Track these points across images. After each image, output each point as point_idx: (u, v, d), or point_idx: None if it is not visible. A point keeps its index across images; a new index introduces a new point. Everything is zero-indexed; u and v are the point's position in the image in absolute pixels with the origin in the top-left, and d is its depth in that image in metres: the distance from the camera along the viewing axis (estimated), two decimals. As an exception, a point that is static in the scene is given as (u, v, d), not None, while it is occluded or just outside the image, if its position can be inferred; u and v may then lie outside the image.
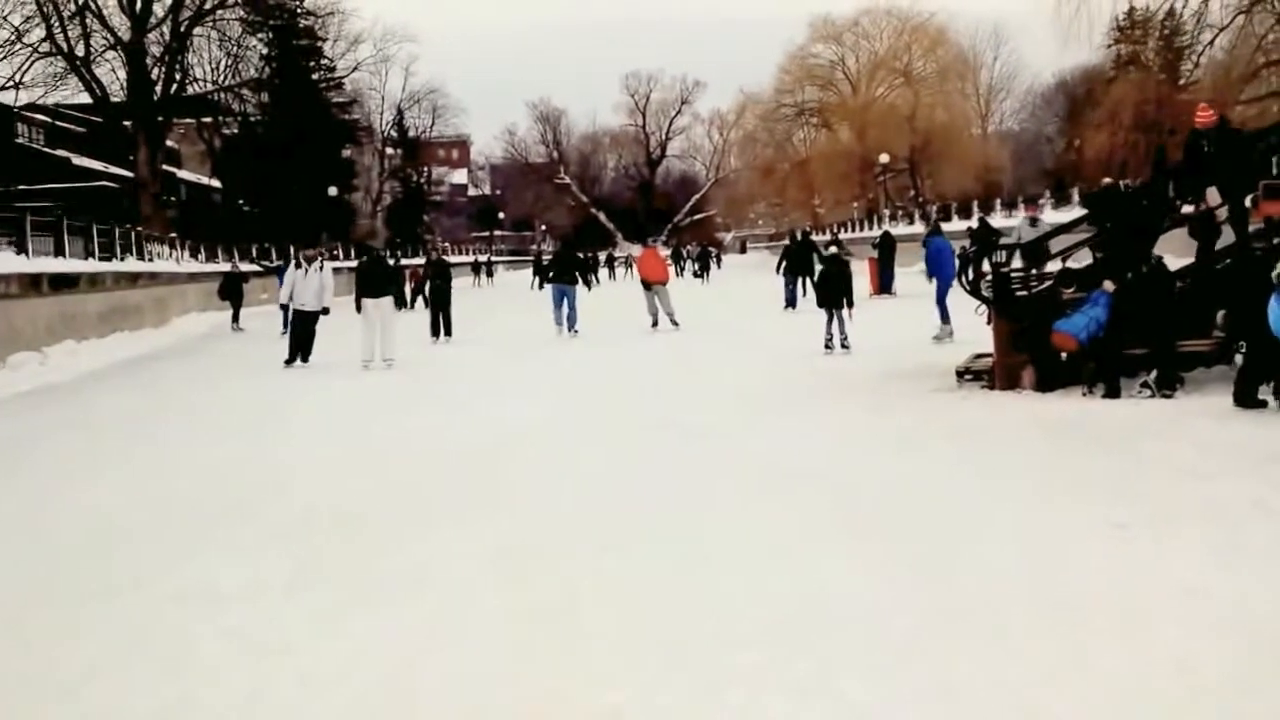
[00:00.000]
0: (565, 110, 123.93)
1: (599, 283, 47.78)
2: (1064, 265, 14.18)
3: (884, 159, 79.64)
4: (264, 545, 7.64)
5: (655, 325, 24.64)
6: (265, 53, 71.38)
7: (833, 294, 17.97)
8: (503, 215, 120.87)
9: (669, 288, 25.47)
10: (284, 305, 20.76)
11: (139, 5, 56.34)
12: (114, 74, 58.08)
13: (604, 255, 65.23)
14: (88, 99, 57.90)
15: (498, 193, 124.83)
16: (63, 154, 59.07)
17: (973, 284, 13.81)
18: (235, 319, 33.52)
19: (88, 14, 55.09)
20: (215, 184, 73.98)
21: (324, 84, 78.18)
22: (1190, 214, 13.77)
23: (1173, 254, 13.06)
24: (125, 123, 58.14)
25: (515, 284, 63.43)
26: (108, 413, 15.58)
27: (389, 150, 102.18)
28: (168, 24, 58.31)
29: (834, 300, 17.92)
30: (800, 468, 9.30)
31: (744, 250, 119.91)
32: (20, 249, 26.35)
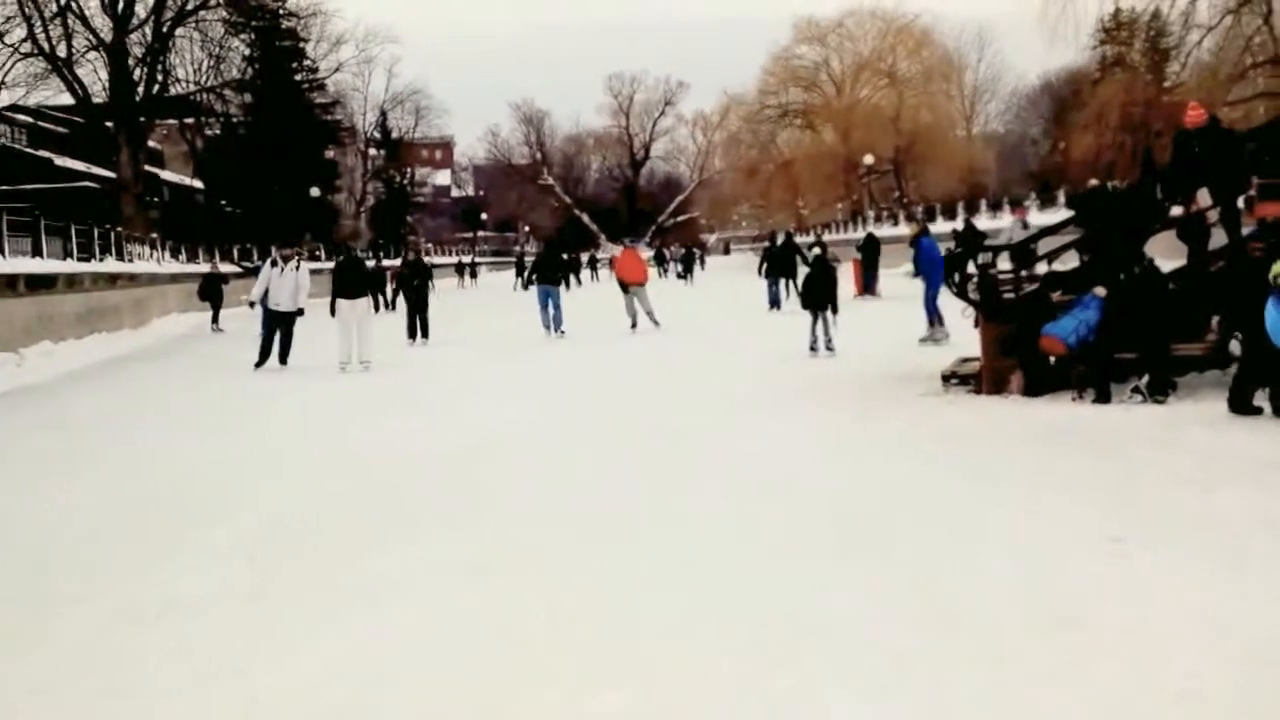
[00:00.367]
0: (549, 112, 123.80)
1: (580, 284, 47.76)
2: (1050, 268, 13.98)
3: (868, 160, 79.37)
4: (229, 553, 7.38)
5: (634, 327, 24.42)
6: (247, 53, 71.23)
7: (817, 297, 17.72)
8: (486, 216, 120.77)
9: (648, 288, 25.25)
10: (251, 303, 20.39)
11: (121, 6, 56.12)
12: (96, 74, 57.95)
13: (586, 256, 64.92)
14: (70, 99, 57.63)
15: (481, 194, 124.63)
16: (45, 155, 58.74)
17: (959, 286, 13.59)
18: (215, 320, 33.31)
19: (69, 14, 54.85)
20: (198, 185, 73.70)
21: (306, 85, 78.19)
22: (1179, 216, 13.56)
23: (1161, 256, 12.81)
24: (107, 123, 57.86)
25: (499, 285, 63.30)
26: (82, 414, 15.43)
27: (372, 151, 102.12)
28: (150, 25, 58.03)
29: (819, 302, 17.67)
30: (785, 474, 9.05)
31: (728, 251, 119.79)
32: (-3, 249, 26.08)
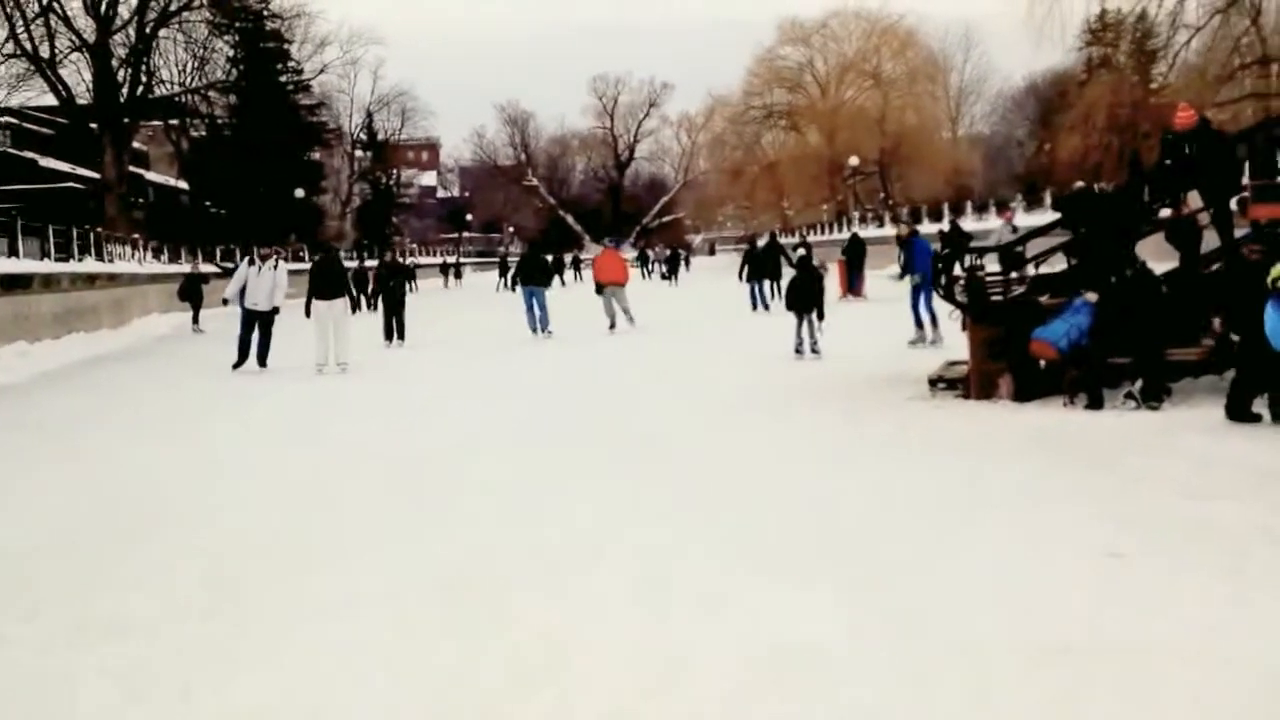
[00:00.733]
0: (533, 113, 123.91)
1: (564, 284, 47.72)
2: (1037, 271, 13.70)
3: (853, 162, 79.33)
4: (185, 567, 7.01)
5: (613, 327, 24.33)
6: (232, 55, 71.44)
7: (803, 299, 17.43)
8: (471, 217, 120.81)
9: (626, 289, 25.18)
10: (225, 300, 20.21)
11: (104, 7, 56.24)
12: (79, 75, 58.16)
13: (569, 257, 64.78)
14: (53, 101, 57.61)
15: (466, 195, 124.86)
16: (29, 155, 58.48)
17: (946, 288, 13.31)
18: (195, 320, 33.26)
19: (52, 15, 54.98)
20: (183, 186, 74.09)
21: (291, 86, 78.16)
22: (1169, 219, 13.30)
23: (1151, 259, 12.52)
24: (91, 125, 57.87)
25: (483, 285, 63.29)
26: (49, 415, 15.21)
27: (358, 152, 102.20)
28: (133, 26, 58.14)
29: (804, 305, 17.38)
30: (764, 483, 8.70)
31: (713, 252, 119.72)
32: (-27, 250, 25.97)
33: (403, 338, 23.86)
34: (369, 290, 33.28)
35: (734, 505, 8.01)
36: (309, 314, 19.17)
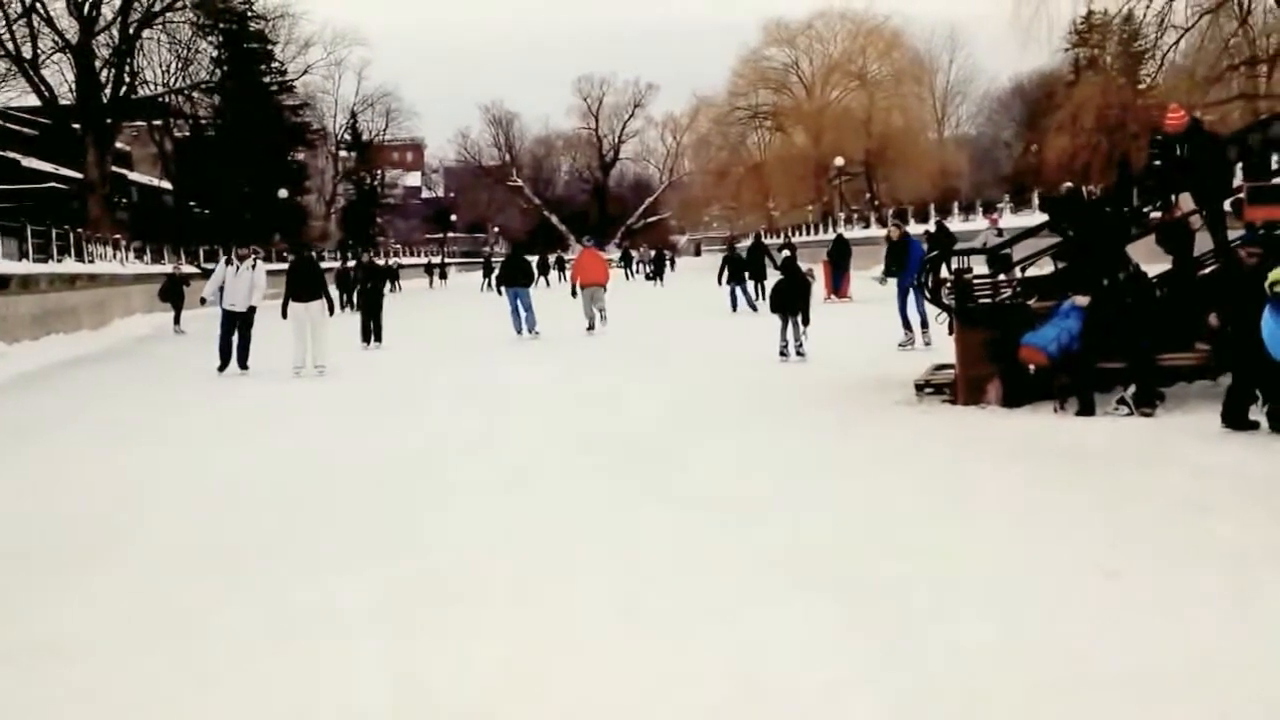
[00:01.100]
0: (518, 114, 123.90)
1: (549, 284, 47.71)
2: (1023, 274, 13.43)
3: (839, 162, 79.19)
4: (130, 583, 6.64)
5: (591, 329, 24.19)
6: (215, 55, 71.69)
7: (788, 302, 17.15)
8: (456, 218, 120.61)
9: (606, 288, 25.08)
10: (203, 299, 20.05)
11: (87, 7, 56.26)
12: (62, 76, 58.35)
13: (554, 257, 64.62)
14: (36, 101, 57.66)
15: (451, 195, 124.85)
16: (12, 156, 58.05)
17: (932, 291, 13.03)
18: (177, 321, 33.08)
19: (34, 15, 54.94)
20: (167, 186, 74.09)
21: (275, 87, 78.25)
22: (1159, 222, 13.04)
23: (1141, 262, 12.25)
24: (74, 125, 57.75)
25: (468, 286, 63.17)
26: (13, 418, 14.88)
27: (343, 153, 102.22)
28: (116, 26, 58.21)
29: (789, 307, 17.10)
30: (743, 495, 8.34)
31: (698, 253, 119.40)
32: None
33: (380, 339, 23.60)
34: (353, 291, 33.07)
35: (713, 516, 7.65)
36: (285, 315, 18.88)
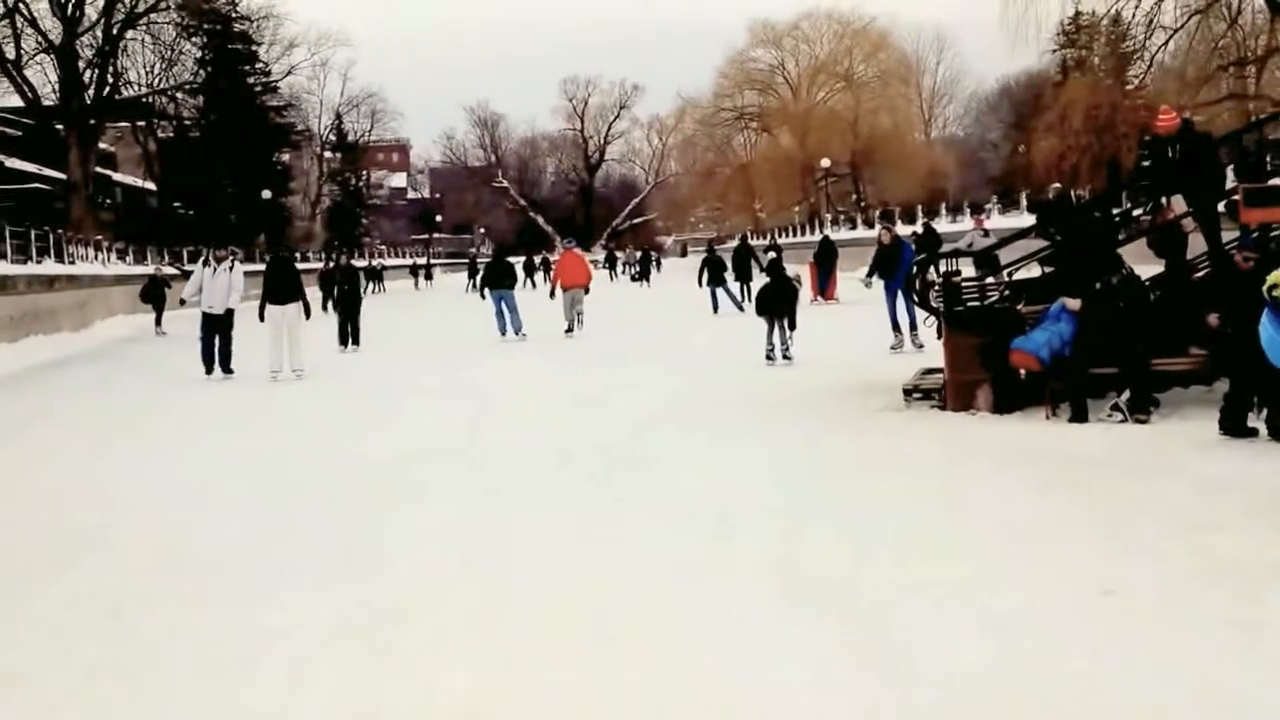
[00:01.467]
0: (504, 115, 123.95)
1: (535, 286, 47.59)
2: (1011, 278, 13.15)
3: (825, 164, 78.98)
4: (73, 611, 6.26)
5: (570, 331, 23.97)
6: (200, 56, 71.53)
7: (774, 305, 16.87)
8: (441, 218, 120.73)
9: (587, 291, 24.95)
10: (183, 300, 19.91)
11: (70, 8, 55.84)
12: (45, 76, 58.09)
13: (539, 258, 64.39)
14: (19, 101, 57.22)
15: (437, 196, 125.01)
16: (-5, 156, 57.75)
17: (920, 293, 12.75)
18: (158, 322, 33.05)
19: (18, 16, 54.48)
20: (151, 187, 73.82)
21: (259, 88, 77.97)
22: (1151, 225, 12.77)
23: (1132, 265, 11.97)
24: (57, 125, 57.44)
25: (454, 287, 62.94)
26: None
27: (328, 154, 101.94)
28: (100, 27, 57.78)
29: (776, 310, 16.81)
30: (731, 507, 8.00)
31: (684, 254, 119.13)
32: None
33: (357, 342, 23.37)
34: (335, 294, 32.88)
35: (694, 527, 7.39)
36: (263, 318, 18.57)
